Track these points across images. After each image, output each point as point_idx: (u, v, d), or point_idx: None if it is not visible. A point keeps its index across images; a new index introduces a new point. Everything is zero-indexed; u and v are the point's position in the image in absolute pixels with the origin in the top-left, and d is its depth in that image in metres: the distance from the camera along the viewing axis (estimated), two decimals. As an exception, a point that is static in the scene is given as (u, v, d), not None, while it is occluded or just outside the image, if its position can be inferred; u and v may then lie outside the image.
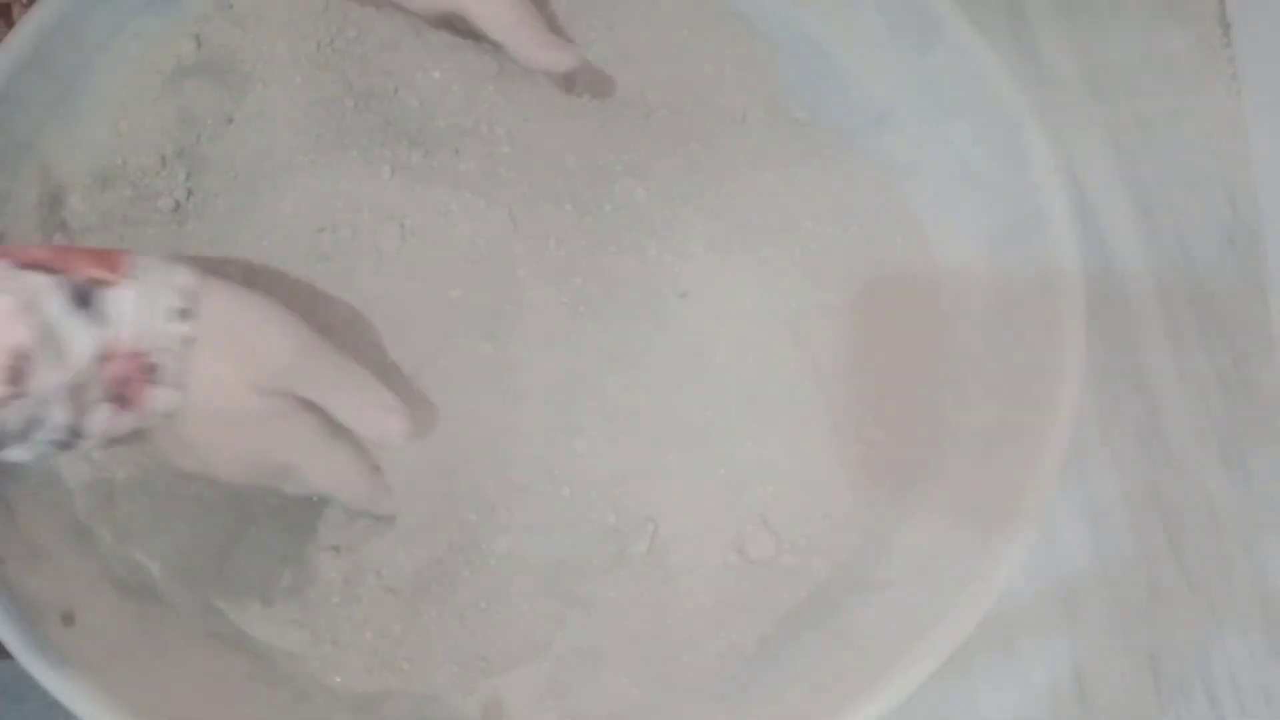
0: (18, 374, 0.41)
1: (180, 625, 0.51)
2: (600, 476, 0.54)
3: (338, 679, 0.52)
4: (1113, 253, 0.66)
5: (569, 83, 0.60)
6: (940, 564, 0.50)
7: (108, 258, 0.44)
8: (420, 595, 0.53)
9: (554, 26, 0.60)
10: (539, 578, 0.53)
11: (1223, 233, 0.67)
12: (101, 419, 0.43)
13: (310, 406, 0.48)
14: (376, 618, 0.52)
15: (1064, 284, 0.52)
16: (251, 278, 0.53)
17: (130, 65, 0.57)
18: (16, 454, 0.43)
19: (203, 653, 0.51)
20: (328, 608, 0.53)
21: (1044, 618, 0.60)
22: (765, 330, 0.56)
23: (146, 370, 0.43)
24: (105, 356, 0.42)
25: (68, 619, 0.48)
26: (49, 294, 0.42)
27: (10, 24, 0.56)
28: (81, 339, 0.42)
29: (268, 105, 0.57)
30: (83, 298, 0.42)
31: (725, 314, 0.56)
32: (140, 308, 0.43)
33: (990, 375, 0.55)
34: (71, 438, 0.43)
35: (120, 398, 0.43)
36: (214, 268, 0.48)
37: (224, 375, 0.45)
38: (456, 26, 0.59)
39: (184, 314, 0.44)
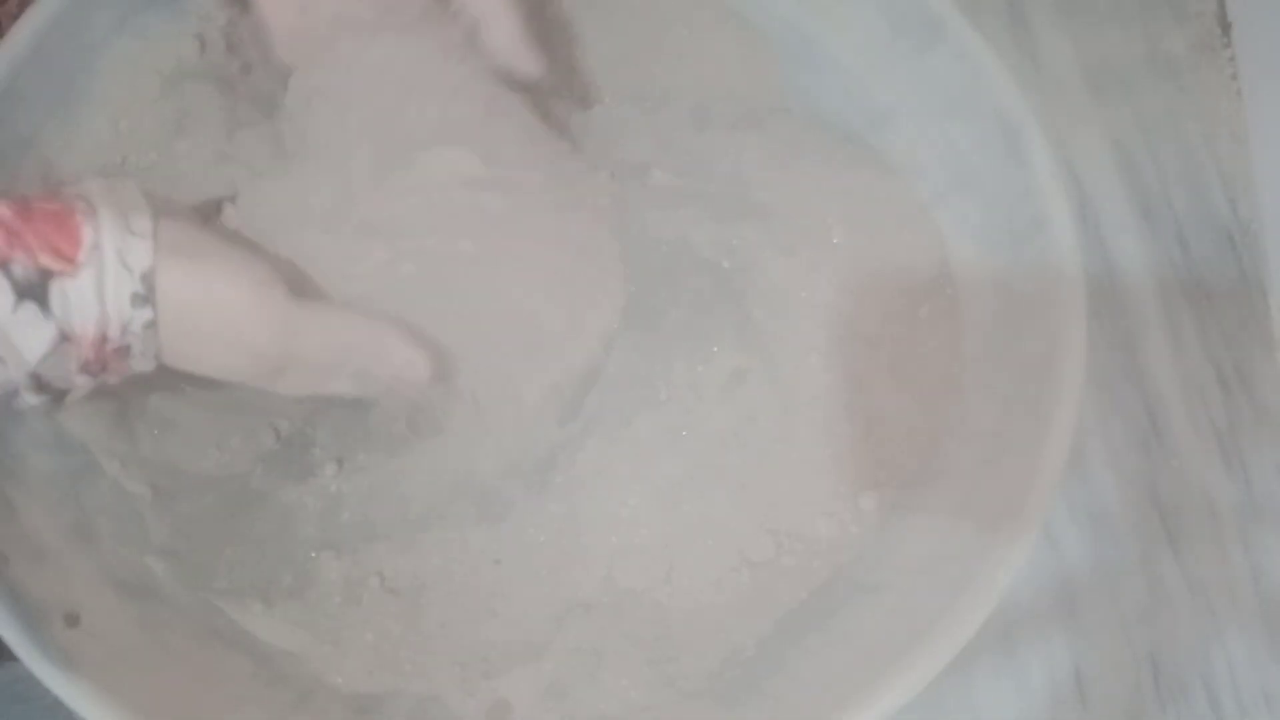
0: None
1: (183, 626, 0.51)
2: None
3: (339, 680, 0.52)
4: (1113, 253, 0.66)
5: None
6: (941, 566, 0.50)
7: (63, 228, 0.42)
8: (421, 596, 0.53)
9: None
10: (539, 578, 0.53)
11: (1222, 232, 0.67)
12: (79, 384, 0.43)
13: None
14: (377, 618, 0.53)
15: (1064, 285, 0.52)
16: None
17: (131, 64, 0.57)
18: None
19: (205, 653, 0.51)
20: (329, 608, 0.53)
21: (1044, 618, 0.60)
22: (766, 330, 0.56)
23: (119, 353, 0.43)
24: (68, 340, 0.42)
25: (71, 620, 0.48)
26: None
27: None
28: (33, 335, 0.41)
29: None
30: (33, 290, 0.41)
31: (725, 312, 0.56)
32: (99, 295, 0.42)
33: (991, 376, 0.55)
34: (48, 399, 0.43)
35: (94, 372, 0.43)
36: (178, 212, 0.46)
37: (199, 357, 0.45)
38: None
39: (142, 299, 0.42)
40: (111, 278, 0.42)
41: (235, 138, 0.55)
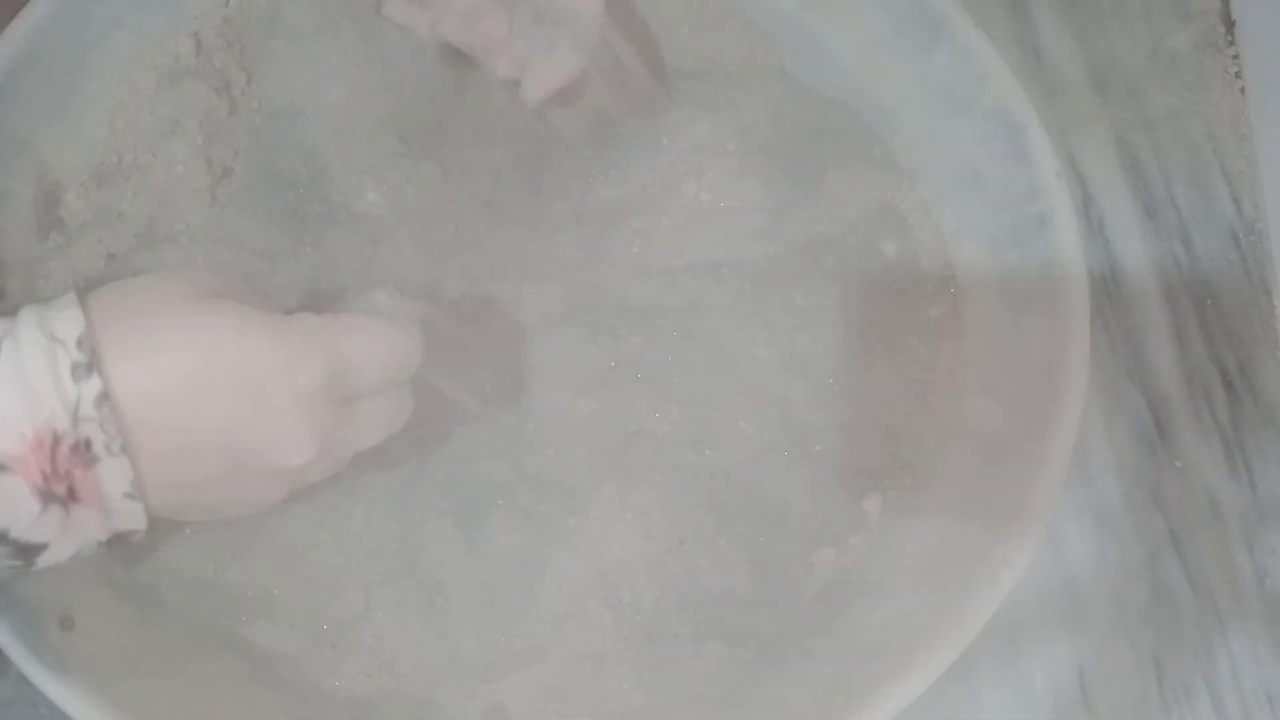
0: None
1: (179, 629, 0.51)
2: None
3: (337, 683, 0.51)
4: (1117, 252, 0.66)
5: None
6: (944, 568, 0.50)
7: None
8: (420, 599, 0.52)
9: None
10: (539, 583, 0.53)
11: (1227, 231, 0.67)
12: (52, 528, 0.34)
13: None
14: (376, 621, 0.52)
15: (1068, 284, 0.52)
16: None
17: (127, 62, 0.57)
18: None
19: (201, 657, 0.51)
20: (327, 611, 0.52)
21: (1047, 620, 0.60)
22: (771, 330, 0.56)
23: (78, 455, 0.34)
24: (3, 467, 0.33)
25: (66, 623, 0.47)
26: None
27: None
28: None
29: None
30: None
31: (730, 314, 0.56)
32: (23, 380, 0.33)
33: (993, 376, 0.55)
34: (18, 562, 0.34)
35: (66, 494, 0.34)
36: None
37: (172, 417, 0.35)
38: None
39: (87, 367, 0.34)
40: (38, 351, 0.33)
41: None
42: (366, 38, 0.58)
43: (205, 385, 0.36)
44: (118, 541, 0.37)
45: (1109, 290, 0.65)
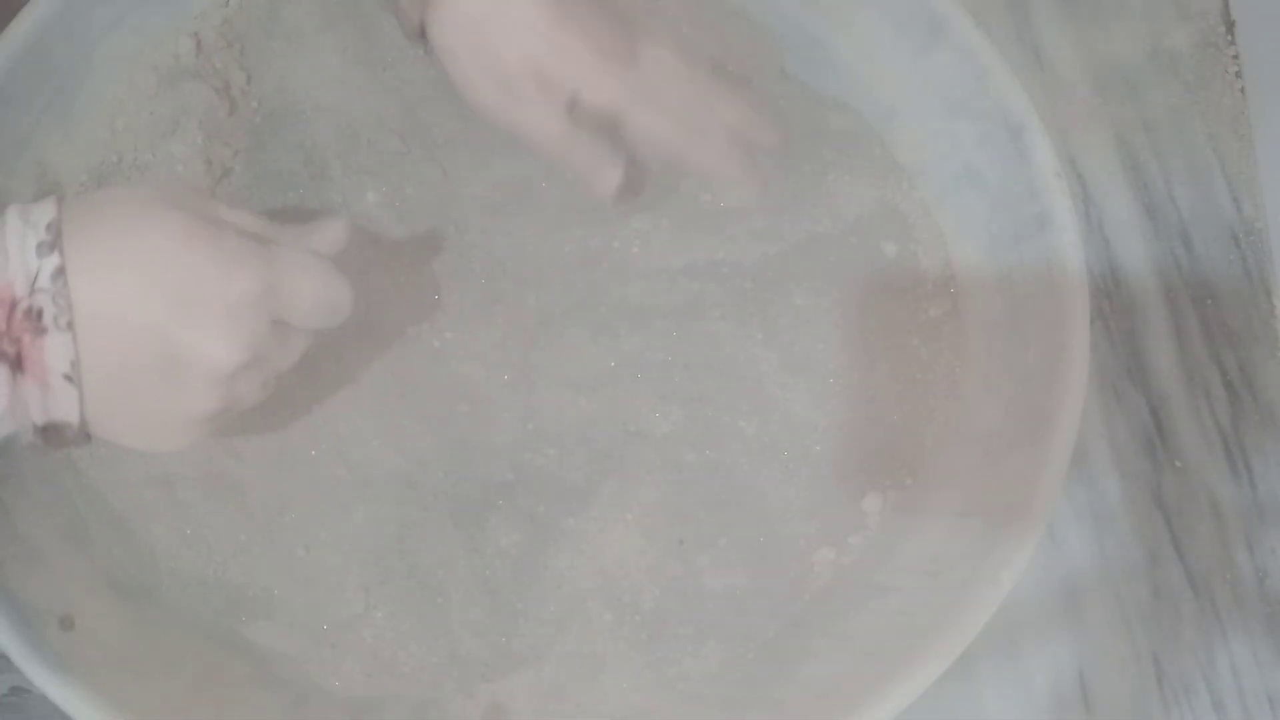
0: None
1: (179, 628, 0.51)
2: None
3: (336, 683, 0.52)
4: (1117, 252, 0.66)
5: None
6: (944, 567, 0.50)
7: None
8: (420, 598, 0.52)
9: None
10: (539, 583, 0.53)
11: (1227, 231, 0.67)
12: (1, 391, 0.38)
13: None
14: (375, 622, 0.52)
15: (1068, 284, 0.52)
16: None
17: (127, 62, 0.57)
18: None
19: (201, 656, 0.51)
20: (327, 611, 0.52)
21: (1047, 619, 0.60)
22: (771, 330, 0.56)
23: (30, 320, 0.38)
24: None
25: (66, 623, 0.47)
26: None
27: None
28: None
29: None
30: None
31: (730, 314, 0.56)
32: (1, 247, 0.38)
33: (993, 376, 0.55)
34: None
35: (15, 358, 0.38)
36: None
37: (116, 304, 0.39)
38: None
39: (49, 245, 0.38)
40: (13, 232, 0.39)
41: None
42: (366, 38, 0.58)
43: (147, 282, 0.39)
44: (53, 436, 0.40)
45: (1109, 290, 0.65)
